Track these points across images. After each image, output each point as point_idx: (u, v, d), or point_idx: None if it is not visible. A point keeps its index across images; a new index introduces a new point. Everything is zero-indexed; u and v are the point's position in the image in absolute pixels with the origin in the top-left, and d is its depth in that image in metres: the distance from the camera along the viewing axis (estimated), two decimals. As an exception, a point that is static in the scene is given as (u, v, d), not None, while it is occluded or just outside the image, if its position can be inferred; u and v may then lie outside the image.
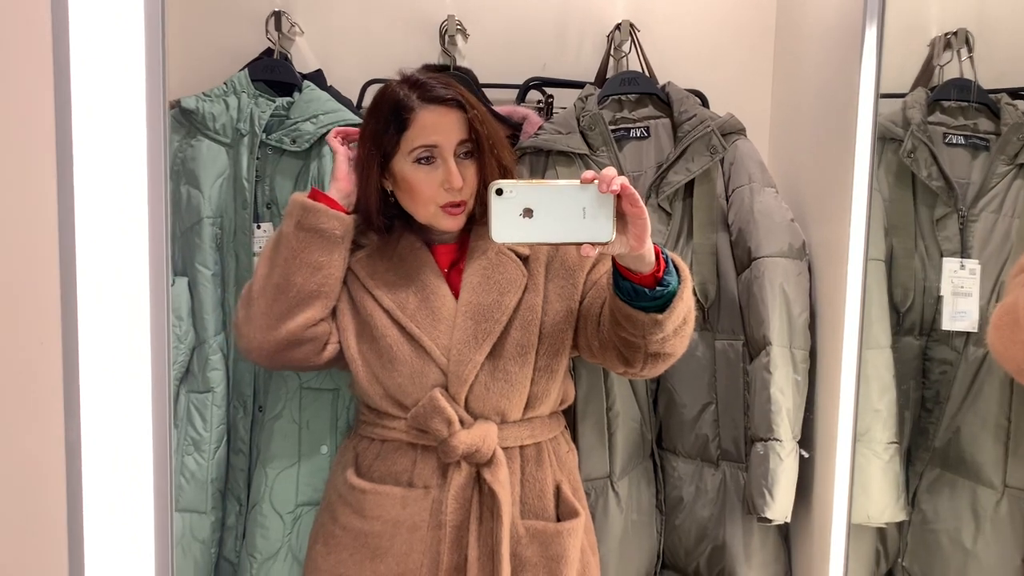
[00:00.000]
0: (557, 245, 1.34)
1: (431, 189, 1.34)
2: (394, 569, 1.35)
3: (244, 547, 1.65)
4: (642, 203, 1.06)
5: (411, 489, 1.37)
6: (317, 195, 1.40)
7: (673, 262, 1.19)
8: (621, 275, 1.17)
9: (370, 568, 1.36)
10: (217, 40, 1.87)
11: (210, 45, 1.87)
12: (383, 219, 1.41)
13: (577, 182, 1.05)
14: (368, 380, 1.39)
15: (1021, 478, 1.59)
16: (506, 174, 1.36)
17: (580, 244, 1.06)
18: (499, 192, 1.04)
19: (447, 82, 1.37)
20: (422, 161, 1.34)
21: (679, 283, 1.18)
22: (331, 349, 1.42)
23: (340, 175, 1.44)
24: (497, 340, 1.35)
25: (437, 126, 1.34)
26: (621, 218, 1.07)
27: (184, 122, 1.69)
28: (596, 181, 1.04)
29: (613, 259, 1.17)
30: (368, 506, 1.37)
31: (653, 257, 1.13)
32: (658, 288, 1.16)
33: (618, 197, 1.05)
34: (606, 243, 1.06)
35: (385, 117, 1.35)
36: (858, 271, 1.45)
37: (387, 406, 1.39)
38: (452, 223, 1.37)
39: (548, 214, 1.05)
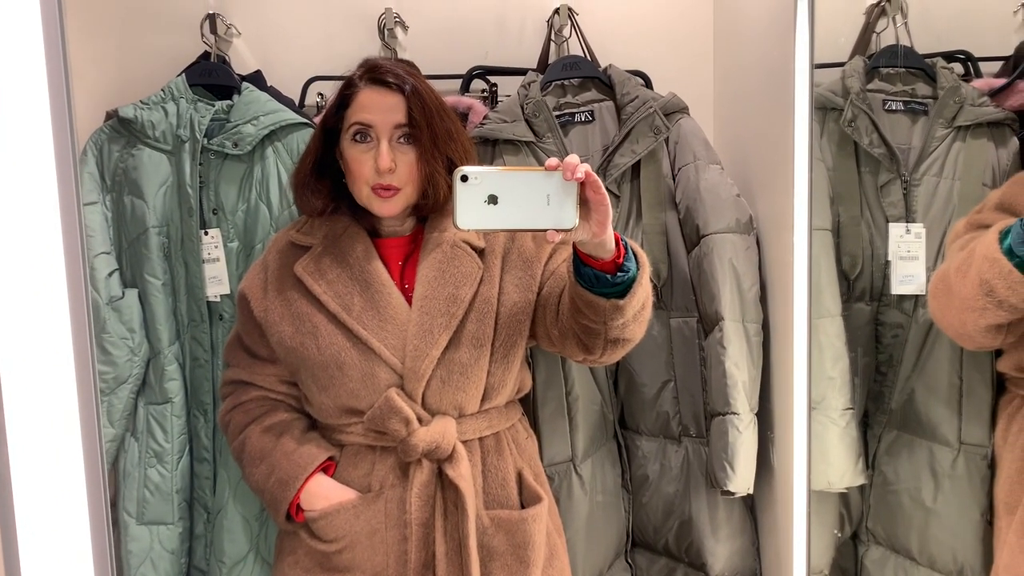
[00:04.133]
0: (521, 232, 1.34)
1: (364, 168, 1.35)
2: None
3: (212, 553, 1.65)
4: (604, 190, 1.07)
5: (362, 496, 1.36)
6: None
7: (631, 248, 1.20)
8: (582, 262, 1.18)
9: None
10: (152, 46, 1.84)
11: (145, 52, 1.84)
12: (312, 197, 1.42)
13: (542, 169, 1.05)
14: (320, 398, 1.39)
15: (975, 435, 1.62)
16: (454, 167, 1.35)
17: (544, 231, 1.06)
18: (464, 178, 1.04)
19: (401, 68, 1.38)
20: (357, 138, 1.36)
21: (638, 269, 1.20)
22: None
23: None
24: (453, 334, 1.35)
25: (374, 106, 1.35)
26: (584, 205, 1.07)
27: (123, 132, 1.67)
28: (560, 168, 1.05)
29: (574, 246, 1.17)
30: (321, 532, 1.36)
31: (613, 243, 1.14)
32: (618, 274, 1.17)
33: (581, 184, 1.06)
34: (570, 229, 1.06)
35: (337, 95, 1.39)
36: (804, 242, 1.46)
37: (341, 416, 1.39)
38: (384, 207, 1.36)
39: (512, 201, 1.05)
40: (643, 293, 1.22)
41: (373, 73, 1.36)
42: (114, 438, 1.64)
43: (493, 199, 1.05)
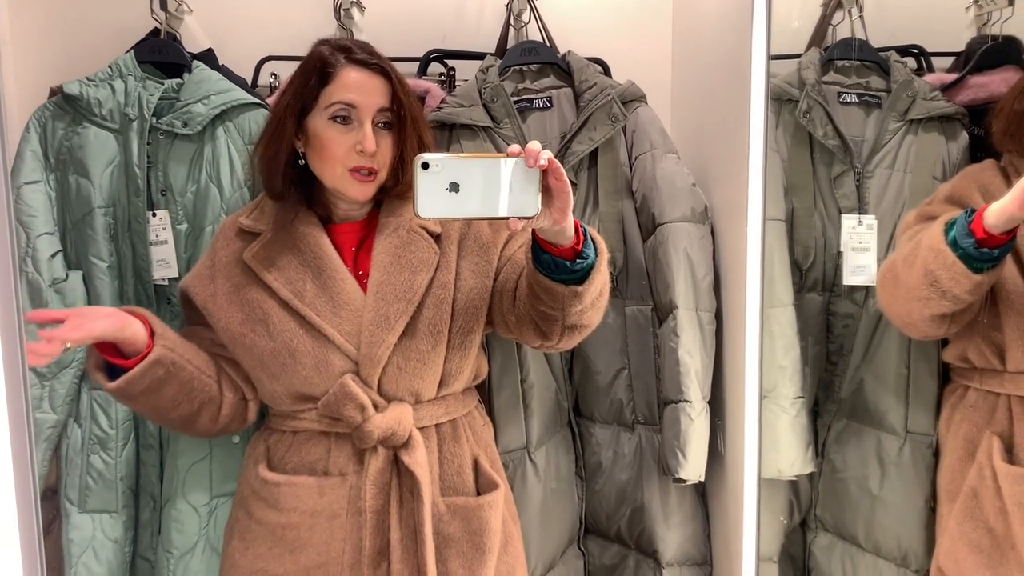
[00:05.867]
0: (483, 220, 1.33)
1: (342, 150, 1.32)
2: (315, 559, 1.33)
3: (160, 543, 1.62)
4: (566, 177, 1.06)
5: (327, 477, 1.35)
6: (105, 354, 1.32)
7: (590, 235, 1.19)
8: (542, 248, 1.17)
9: (290, 560, 1.34)
10: (100, 21, 1.79)
11: (93, 27, 1.79)
12: (284, 183, 1.38)
13: (503, 156, 1.04)
14: (271, 386, 1.36)
15: (921, 424, 1.65)
16: (422, 150, 1.33)
17: (506, 219, 1.05)
18: (425, 166, 1.02)
19: (375, 51, 1.36)
20: (338, 119, 1.32)
21: (596, 256, 1.19)
22: (253, 407, 1.45)
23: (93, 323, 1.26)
24: (410, 320, 1.33)
25: (359, 87, 1.32)
26: (545, 192, 1.07)
27: (68, 109, 1.62)
28: (522, 155, 1.03)
29: (533, 232, 1.17)
30: (283, 499, 1.35)
31: (573, 230, 1.14)
32: (578, 261, 1.17)
33: (543, 171, 1.05)
34: (532, 217, 1.05)
35: (308, 71, 1.34)
36: (757, 231, 1.47)
37: (295, 403, 1.37)
38: (359, 191, 1.34)
39: (474, 188, 1.03)
40: (601, 280, 1.23)
41: (351, 53, 1.33)
42: (56, 424, 1.60)
43: (454, 187, 1.03)
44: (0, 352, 0.61)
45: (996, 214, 1.31)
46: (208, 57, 1.72)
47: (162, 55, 1.69)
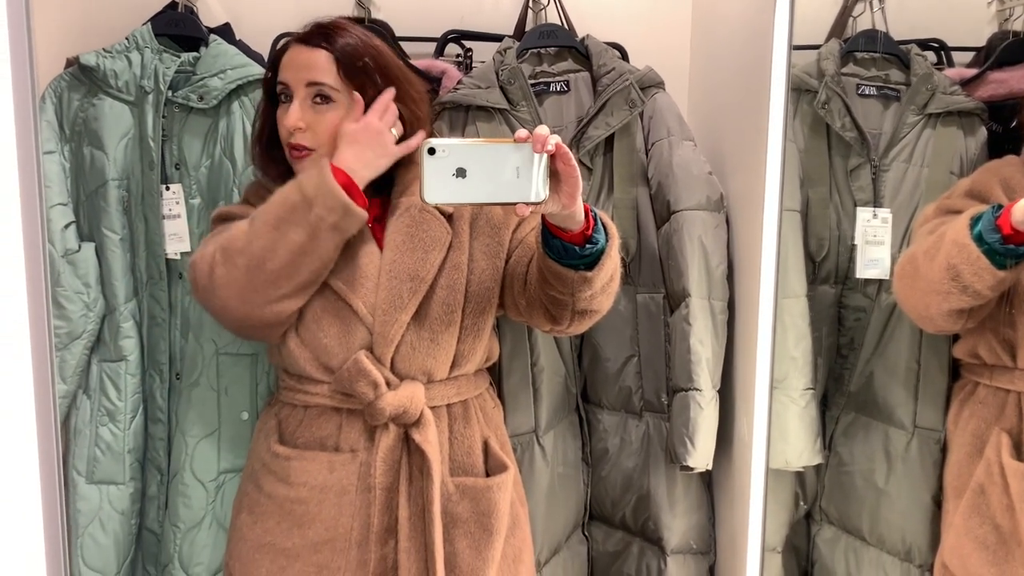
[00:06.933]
0: (490, 205, 1.32)
1: (281, 129, 1.32)
2: (323, 535, 1.33)
3: (167, 517, 1.62)
4: (575, 162, 1.06)
5: (337, 453, 1.35)
6: (351, 188, 1.27)
7: (601, 220, 1.19)
8: (551, 233, 1.17)
9: (298, 535, 1.34)
10: (117, -8, 1.78)
11: (110, -2, 1.78)
12: (265, 161, 1.40)
13: (511, 141, 1.03)
14: (296, 344, 1.36)
15: (929, 419, 1.65)
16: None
17: (514, 204, 1.05)
18: (431, 151, 1.03)
19: (342, 28, 1.33)
20: (282, 99, 1.33)
21: (607, 241, 1.19)
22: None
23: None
24: (423, 300, 1.33)
25: (291, 64, 1.32)
26: (554, 177, 1.06)
27: (84, 80, 1.61)
28: (530, 140, 1.03)
29: (543, 217, 1.16)
30: (293, 473, 1.35)
31: (583, 215, 1.13)
32: (587, 246, 1.17)
33: (551, 156, 1.04)
34: (539, 203, 1.05)
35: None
36: (773, 222, 1.47)
37: (312, 370, 1.36)
38: (298, 169, 1.33)
39: (481, 174, 1.03)
40: (611, 265, 1.22)
41: (304, 30, 1.33)
42: (66, 394, 1.60)
43: (461, 172, 1.03)
44: (28, 329, 0.61)
45: None
46: (225, 32, 1.71)
47: (179, 28, 1.68)
